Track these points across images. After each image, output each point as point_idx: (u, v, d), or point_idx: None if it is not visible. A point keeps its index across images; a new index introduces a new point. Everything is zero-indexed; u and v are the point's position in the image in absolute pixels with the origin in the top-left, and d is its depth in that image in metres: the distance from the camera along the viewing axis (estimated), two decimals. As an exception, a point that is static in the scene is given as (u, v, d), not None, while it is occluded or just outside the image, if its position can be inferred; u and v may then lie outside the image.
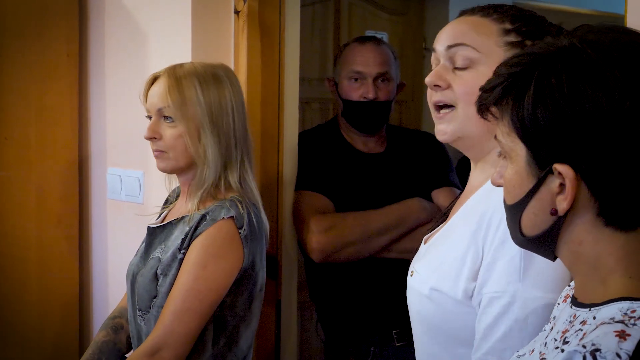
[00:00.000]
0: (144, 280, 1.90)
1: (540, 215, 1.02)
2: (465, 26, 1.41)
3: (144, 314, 1.90)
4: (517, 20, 1.40)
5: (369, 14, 3.77)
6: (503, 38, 1.39)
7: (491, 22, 1.40)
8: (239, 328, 1.90)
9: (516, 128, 1.00)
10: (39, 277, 2.64)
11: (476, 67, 1.38)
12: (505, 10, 1.42)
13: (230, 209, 1.83)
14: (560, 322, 1.06)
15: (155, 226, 2.00)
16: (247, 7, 2.37)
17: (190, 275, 1.81)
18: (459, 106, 1.40)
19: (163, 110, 1.90)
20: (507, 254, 1.27)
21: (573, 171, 0.96)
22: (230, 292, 1.85)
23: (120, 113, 2.66)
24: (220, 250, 1.83)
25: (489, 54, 1.37)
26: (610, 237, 0.99)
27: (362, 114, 2.58)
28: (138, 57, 2.55)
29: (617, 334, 0.90)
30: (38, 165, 2.63)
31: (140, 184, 2.55)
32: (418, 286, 1.44)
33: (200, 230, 1.83)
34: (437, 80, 1.41)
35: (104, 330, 2.08)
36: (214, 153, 1.88)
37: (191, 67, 1.92)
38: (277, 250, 2.48)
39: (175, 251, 1.86)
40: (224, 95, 1.89)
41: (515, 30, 1.39)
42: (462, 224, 1.40)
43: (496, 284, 1.28)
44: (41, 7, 2.60)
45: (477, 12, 1.43)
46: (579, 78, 0.95)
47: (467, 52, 1.38)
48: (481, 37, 1.38)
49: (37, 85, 2.61)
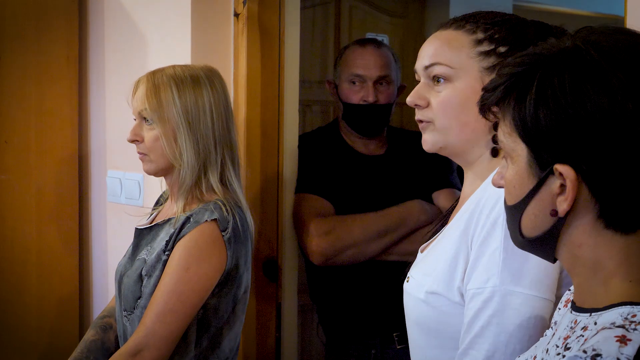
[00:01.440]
0: (129, 281, 1.92)
1: (540, 216, 1.01)
2: (438, 43, 1.45)
3: (129, 315, 1.92)
4: (488, 29, 1.43)
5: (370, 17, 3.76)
6: (475, 49, 1.42)
7: (464, 34, 1.44)
8: (222, 330, 1.91)
9: (518, 128, 1.00)
10: (39, 280, 2.64)
11: (452, 83, 1.43)
12: (477, 19, 1.45)
13: (214, 212, 1.84)
14: (561, 328, 1.06)
15: (142, 227, 2.02)
16: (247, 9, 2.37)
17: (173, 277, 1.82)
18: (436, 122, 1.45)
19: (142, 113, 1.93)
20: (488, 249, 1.30)
21: (574, 172, 0.96)
22: (214, 294, 1.86)
23: (119, 116, 2.65)
24: (203, 252, 1.83)
25: (462, 67, 1.42)
26: (610, 239, 0.99)
27: (362, 117, 2.57)
28: (137, 60, 2.55)
29: (617, 339, 0.90)
30: (38, 168, 2.63)
31: (140, 187, 2.54)
32: (414, 291, 1.46)
33: (184, 233, 1.85)
34: (417, 99, 1.47)
35: (93, 330, 2.10)
36: (190, 154, 1.89)
37: (170, 71, 1.94)
38: (277, 253, 2.48)
39: (160, 252, 1.87)
40: (201, 96, 1.91)
41: (487, 39, 1.42)
42: (455, 227, 1.42)
43: (478, 280, 1.31)
44: (40, 10, 2.60)
45: (452, 26, 1.46)
46: (581, 79, 0.95)
47: (442, 70, 1.43)
48: (453, 53, 1.43)
49: (36, 88, 2.61)
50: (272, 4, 2.43)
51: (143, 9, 2.54)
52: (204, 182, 1.91)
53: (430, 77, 1.45)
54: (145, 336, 1.80)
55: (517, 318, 1.26)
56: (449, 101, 1.42)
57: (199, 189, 1.91)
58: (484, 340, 1.28)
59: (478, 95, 1.36)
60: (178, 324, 1.82)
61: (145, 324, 1.81)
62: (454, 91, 1.42)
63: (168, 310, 1.81)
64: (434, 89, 1.45)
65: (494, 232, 1.30)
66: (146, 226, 2.01)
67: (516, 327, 1.26)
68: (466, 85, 1.41)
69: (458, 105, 1.42)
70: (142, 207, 2.53)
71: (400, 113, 3.81)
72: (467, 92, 1.41)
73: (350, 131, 2.62)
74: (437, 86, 1.44)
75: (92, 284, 2.79)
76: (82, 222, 2.77)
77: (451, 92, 1.42)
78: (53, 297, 2.68)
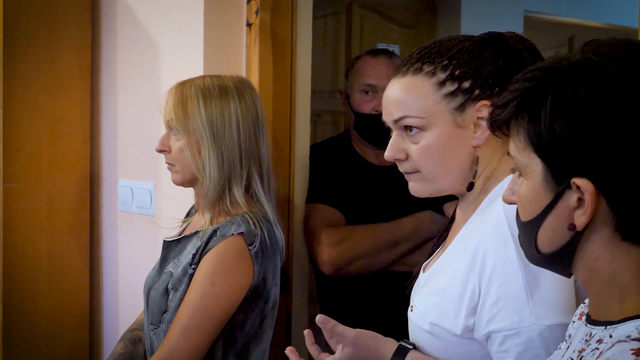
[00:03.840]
0: (155, 294, 1.90)
1: (557, 231, 1.01)
2: (400, 94, 1.43)
3: (155, 328, 1.90)
4: (446, 66, 1.40)
5: (381, 27, 3.77)
6: (439, 92, 1.39)
7: (423, 78, 1.41)
8: (249, 346, 1.88)
9: (533, 143, 0.99)
10: (50, 289, 2.65)
11: (427, 130, 1.40)
12: (432, 57, 1.41)
13: (241, 225, 1.82)
14: (576, 341, 1.05)
15: (170, 240, 1.99)
16: (259, 19, 2.37)
17: (199, 292, 1.80)
18: (423, 171, 1.43)
19: (169, 123, 1.92)
20: (510, 290, 1.29)
21: (593, 185, 0.95)
22: (240, 310, 1.84)
23: (131, 125, 2.66)
24: (229, 266, 1.81)
25: (432, 114, 1.39)
26: (626, 252, 0.98)
27: (374, 127, 2.56)
28: (150, 69, 2.55)
29: (633, 352, 0.89)
30: (50, 176, 2.63)
31: (152, 196, 2.55)
32: (418, 321, 1.46)
33: (211, 246, 1.82)
34: (396, 154, 1.45)
35: (122, 343, 2.07)
36: (213, 166, 1.87)
37: (200, 82, 1.92)
38: (287, 263, 2.48)
39: (186, 266, 1.85)
40: (227, 107, 1.89)
41: (449, 79, 1.39)
42: (457, 257, 1.41)
43: (507, 321, 1.29)
44: (53, 19, 2.61)
45: (409, 71, 1.43)
46: (597, 90, 0.94)
47: (413, 122, 1.41)
48: (419, 101, 1.40)
49: (49, 97, 2.62)
50: (285, 14, 2.44)
51: (156, 18, 2.55)
52: (229, 196, 1.89)
53: (402, 127, 1.43)
54: (170, 352, 1.78)
55: (557, 343, 1.26)
56: (429, 150, 1.40)
57: (225, 202, 1.89)
58: None
59: (455, 137, 1.37)
60: (203, 340, 1.79)
61: (170, 339, 1.79)
62: (430, 139, 1.40)
63: (193, 325, 1.78)
64: (409, 140, 1.43)
65: (511, 269, 1.29)
66: (174, 238, 1.98)
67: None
68: (440, 131, 1.39)
69: (438, 152, 1.41)
70: (154, 216, 2.53)
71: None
72: (444, 138, 1.39)
73: (361, 141, 2.62)
74: (412, 136, 1.42)
75: (103, 293, 2.79)
76: (93, 231, 2.78)
77: (428, 141, 1.40)
78: (64, 305, 2.68)
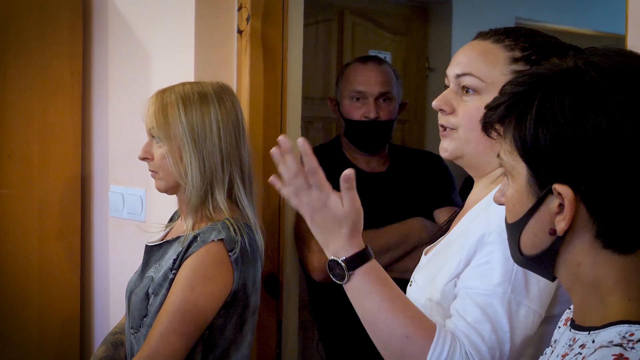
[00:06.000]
0: (136, 298, 1.91)
1: (539, 235, 1.02)
2: (474, 54, 1.45)
3: (135, 332, 1.91)
4: (527, 49, 1.43)
5: (372, 34, 3.78)
6: (510, 67, 1.42)
7: (501, 49, 1.43)
8: (229, 351, 1.89)
9: (518, 147, 1.00)
10: (40, 294, 2.64)
11: (481, 96, 1.42)
12: (517, 36, 1.44)
13: (222, 231, 1.83)
14: (560, 346, 1.06)
15: (152, 245, 2.00)
16: (250, 27, 2.38)
17: (178, 297, 1.81)
18: (459, 130, 1.46)
19: (151, 131, 1.93)
20: (500, 255, 1.33)
21: (572, 192, 0.96)
22: (220, 315, 1.84)
23: (122, 131, 2.66)
24: (209, 272, 1.82)
25: (493, 83, 1.41)
26: (608, 259, 0.99)
27: (363, 134, 2.58)
28: (141, 75, 2.56)
29: (615, 357, 0.90)
30: (40, 182, 2.63)
31: (142, 202, 2.55)
32: (415, 296, 1.48)
33: (191, 252, 1.83)
34: (443, 105, 1.47)
35: (104, 346, 2.08)
36: (195, 172, 1.88)
37: (179, 89, 1.94)
38: (278, 269, 2.48)
39: (167, 271, 1.86)
40: (207, 113, 1.89)
41: (524, 59, 1.42)
42: (459, 240, 1.43)
43: (485, 283, 1.33)
44: (44, 25, 2.61)
45: (490, 37, 1.46)
46: (581, 100, 0.95)
47: (473, 81, 1.43)
48: (488, 67, 1.43)
49: (40, 102, 2.62)
50: (276, 21, 2.45)
51: (147, 25, 2.55)
52: (211, 201, 1.90)
53: (460, 85, 1.46)
54: (149, 356, 1.78)
55: (523, 331, 1.30)
56: (476, 114, 1.39)
57: (207, 208, 1.90)
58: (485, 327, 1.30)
59: None
60: (182, 345, 1.80)
61: (149, 343, 1.79)
62: (481, 104, 1.37)
63: (172, 330, 1.79)
64: (462, 98, 1.45)
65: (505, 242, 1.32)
66: (156, 243, 2.00)
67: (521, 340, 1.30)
68: None
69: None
70: (144, 222, 2.53)
71: (402, 130, 3.82)
72: None
73: (352, 148, 2.62)
74: (466, 96, 1.45)
75: (94, 299, 2.79)
76: (84, 237, 2.78)
77: (479, 105, 1.40)
78: (54, 311, 2.68)
